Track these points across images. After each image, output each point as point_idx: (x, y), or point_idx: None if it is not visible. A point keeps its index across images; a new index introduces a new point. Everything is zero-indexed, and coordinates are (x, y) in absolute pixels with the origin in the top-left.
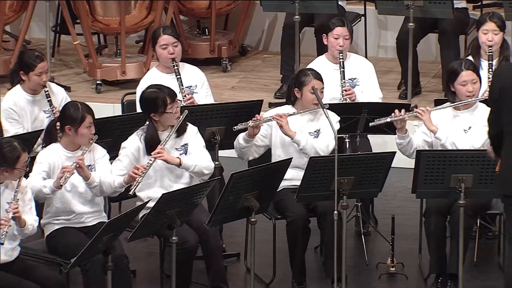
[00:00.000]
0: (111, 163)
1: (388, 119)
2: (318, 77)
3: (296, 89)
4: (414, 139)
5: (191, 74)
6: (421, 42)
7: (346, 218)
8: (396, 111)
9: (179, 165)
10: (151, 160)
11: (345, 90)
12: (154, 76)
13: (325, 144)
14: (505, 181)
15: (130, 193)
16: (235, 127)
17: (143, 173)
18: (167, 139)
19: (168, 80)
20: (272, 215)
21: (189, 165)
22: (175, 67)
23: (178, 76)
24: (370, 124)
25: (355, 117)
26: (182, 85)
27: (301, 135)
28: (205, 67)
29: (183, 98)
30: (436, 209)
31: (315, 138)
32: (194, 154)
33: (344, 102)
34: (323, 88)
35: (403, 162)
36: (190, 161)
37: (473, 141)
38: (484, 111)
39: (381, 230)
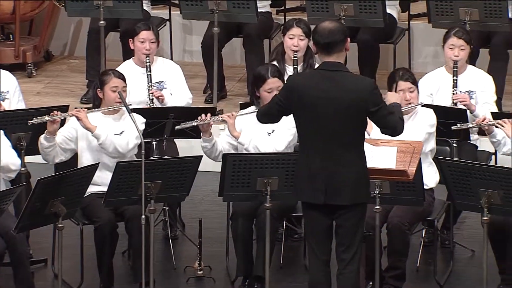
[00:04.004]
0: None
1: (194, 123)
2: (120, 76)
3: (99, 89)
4: (219, 142)
5: (3, 80)
6: (226, 46)
7: (153, 222)
8: (203, 115)
9: None
10: None
11: (152, 93)
12: None
13: (125, 141)
14: (296, 188)
15: None
16: (29, 121)
17: None
18: None
19: None
20: (79, 220)
21: None
22: None
23: None
24: (176, 127)
25: (161, 121)
26: None
27: (101, 130)
28: (10, 72)
29: None
30: (243, 212)
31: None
32: None
33: (150, 106)
34: (125, 87)
35: (210, 166)
36: None
37: (276, 144)
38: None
39: (188, 233)
